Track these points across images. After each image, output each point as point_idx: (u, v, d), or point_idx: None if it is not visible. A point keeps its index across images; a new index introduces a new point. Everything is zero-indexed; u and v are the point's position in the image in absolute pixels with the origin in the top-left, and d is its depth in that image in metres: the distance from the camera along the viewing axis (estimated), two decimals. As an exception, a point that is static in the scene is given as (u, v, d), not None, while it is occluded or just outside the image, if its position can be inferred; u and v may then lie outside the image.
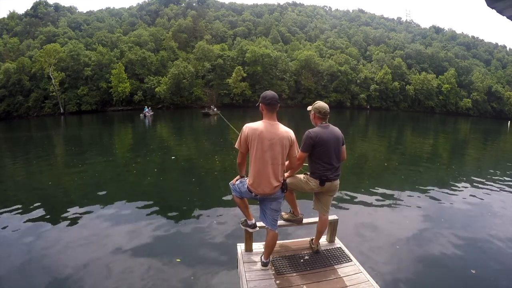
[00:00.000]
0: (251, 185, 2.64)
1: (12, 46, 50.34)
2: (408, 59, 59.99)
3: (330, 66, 52.47)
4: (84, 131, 23.34)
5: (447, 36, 72.81)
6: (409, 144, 16.82)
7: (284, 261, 2.99)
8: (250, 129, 2.54)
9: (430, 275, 3.72)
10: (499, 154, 14.41)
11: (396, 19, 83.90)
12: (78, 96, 44.38)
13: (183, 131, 20.97)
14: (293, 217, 3.28)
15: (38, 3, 61.55)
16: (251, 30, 62.76)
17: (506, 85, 58.48)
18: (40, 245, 4.42)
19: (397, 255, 4.17)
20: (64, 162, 10.88)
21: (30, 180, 8.33)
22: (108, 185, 7.84)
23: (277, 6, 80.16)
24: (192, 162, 10.50)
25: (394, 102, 55.80)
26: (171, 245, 4.38)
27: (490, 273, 3.77)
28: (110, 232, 4.81)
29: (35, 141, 17.11)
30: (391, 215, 5.70)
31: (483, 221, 5.45)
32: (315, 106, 2.91)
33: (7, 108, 43.38)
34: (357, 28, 69.48)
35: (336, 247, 3.32)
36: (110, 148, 14.23)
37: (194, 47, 53.50)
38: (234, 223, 4.92)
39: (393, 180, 8.31)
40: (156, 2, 70.23)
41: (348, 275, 2.81)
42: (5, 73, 42.82)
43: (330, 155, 2.82)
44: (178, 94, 47.85)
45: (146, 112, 32.01)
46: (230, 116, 33.73)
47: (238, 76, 48.39)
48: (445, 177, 8.74)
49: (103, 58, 46.26)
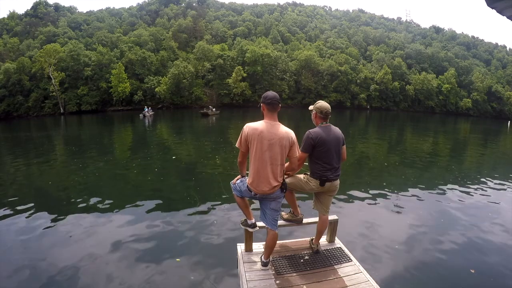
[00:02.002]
0: (250, 184, 2.65)
1: (12, 46, 50.39)
2: (408, 59, 60.06)
3: (330, 66, 52.52)
4: (84, 131, 23.34)
5: (447, 36, 72.88)
6: (409, 144, 16.82)
7: (284, 261, 2.99)
8: (250, 128, 2.55)
9: (429, 275, 3.73)
10: (499, 154, 14.41)
11: (396, 19, 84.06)
12: (78, 96, 44.43)
13: (183, 131, 20.97)
14: (293, 217, 3.28)
15: (38, 3, 61.63)
16: (251, 30, 62.81)
17: (506, 85, 58.55)
18: (40, 245, 4.42)
19: (397, 255, 4.18)
20: (64, 162, 10.88)
21: (30, 179, 8.34)
22: (108, 185, 7.84)
23: (277, 6, 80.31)
24: (192, 162, 10.50)
25: (394, 102, 55.84)
26: (171, 245, 4.38)
27: (489, 273, 3.78)
28: (110, 232, 4.81)
29: (35, 141, 17.10)
30: (391, 215, 5.70)
31: (482, 221, 5.45)
32: (316, 106, 2.91)
33: (7, 108, 43.43)
34: (357, 28, 69.54)
35: (336, 247, 3.32)
36: (110, 148, 14.23)
37: (194, 47, 53.57)
38: (234, 223, 4.92)
39: (393, 180, 8.32)
40: (156, 2, 70.30)
41: (348, 275, 2.81)
42: (5, 73, 42.87)
43: (331, 156, 2.82)
44: (178, 94, 47.88)
45: (146, 112, 32.01)
46: (230, 116, 33.78)
47: (238, 76, 48.41)
48: (445, 177, 8.74)
49: (103, 58, 46.31)
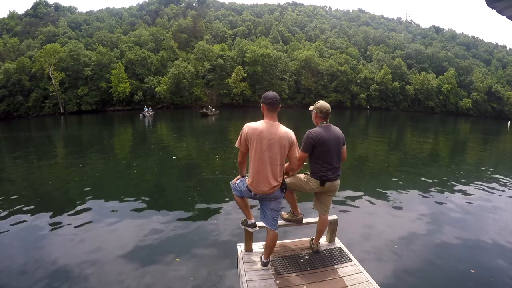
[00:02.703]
0: (250, 184, 2.65)
1: (12, 46, 50.37)
2: (408, 59, 60.04)
3: (330, 66, 52.50)
4: (84, 131, 23.34)
5: (447, 36, 72.87)
6: (409, 144, 16.82)
7: (284, 261, 2.99)
8: (250, 128, 2.55)
9: (429, 275, 3.73)
10: (499, 154, 14.41)
11: (396, 19, 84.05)
12: (78, 96, 44.41)
13: (183, 131, 20.98)
14: (293, 217, 3.28)
15: (38, 3, 61.61)
16: (251, 30, 62.79)
17: (506, 85, 58.53)
18: (40, 244, 4.42)
19: (397, 255, 4.18)
20: (64, 162, 10.87)
21: (30, 179, 8.34)
22: (108, 185, 7.84)
23: (277, 6, 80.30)
24: (193, 162, 10.50)
25: (394, 102, 55.83)
26: (171, 245, 4.38)
27: (489, 273, 3.78)
28: (110, 232, 4.81)
29: (35, 141, 17.10)
30: (391, 215, 5.70)
31: (482, 221, 5.46)
32: (316, 106, 2.92)
33: (7, 108, 43.41)
34: (357, 28, 69.52)
35: (336, 247, 3.32)
36: (110, 148, 14.23)
37: (194, 47, 53.54)
38: (234, 223, 4.92)
39: (393, 180, 8.32)
40: (156, 2, 70.29)
41: (348, 275, 2.81)
42: (5, 73, 42.84)
43: (331, 155, 2.82)
44: (178, 94, 47.87)
45: (146, 112, 32.01)
46: (230, 116, 33.77)
47: (238, 76, 48.40)
48: (444, 177, 8.74)
49: (103, 58, 46.30)
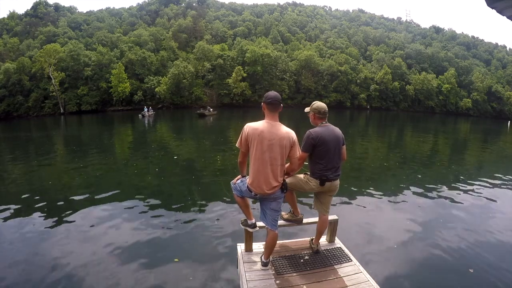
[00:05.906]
0: (250, 184, 2.64)
1: (12, 46, 50.33)
2: (408, 59, 60.00)
3: (330, 66, 52.48)
4: (84, 131, 23.35)
5: (447, 36, 72.80)
6: (409, 144, 16.82)
7: (284, 261, 2.99)
8: (250, 128, 2.55)
9: (429, 274, 3.74)
10: (499, 154, 14.41)
11: (396, 19, 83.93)
12: (78, 96, 44.38)
13: (183, 131, 20.98)
14: (293, 217, 3.28)
15: (38, 3, 61.54)
16: (251, 30, 62.75)
17: (506, 85, 58.47)
18: (40, 244, 4.42)
19: (397, 254, 4.18)
20: (65, 162, 10.88)
21: (30, 179, 8.34)
22: (108, 185, 7.83)
23: (277, 6, 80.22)
24: (193, 162, 10.50)
25: (394, 102, 55.80)
26: (171, 245, 4.38)
27: (488, 272, 3.78)
28: (110, 232, 4.81)
29: (35, 141, 17.10)
30: (391, 215, 5.71)
31: (481, 221, 5.46)
32: (313, 107, 2.91)
33: (7, 108, 43.37)
34: (357, 28, 69.47)
35: (336, 247, 3.32)
36: (110, 148, 14.23)
37: (194, 47, 53.50)
38: (234, 223, 4.92)
39: (393, 180, 8.32)
40: (156, 2, 70.24)
41: (348, 275, 2.81)
42: (5, 73, 42.81)
43: (331, 155, 2.82)
44: (178, 94, 47.84)
45: (145, 112, 32.01)
46: (230, 116, 33.77)
47: (238, 76, 48.38)
48: (444, 177, 8.75)
49: (103, 58, 46.27)
